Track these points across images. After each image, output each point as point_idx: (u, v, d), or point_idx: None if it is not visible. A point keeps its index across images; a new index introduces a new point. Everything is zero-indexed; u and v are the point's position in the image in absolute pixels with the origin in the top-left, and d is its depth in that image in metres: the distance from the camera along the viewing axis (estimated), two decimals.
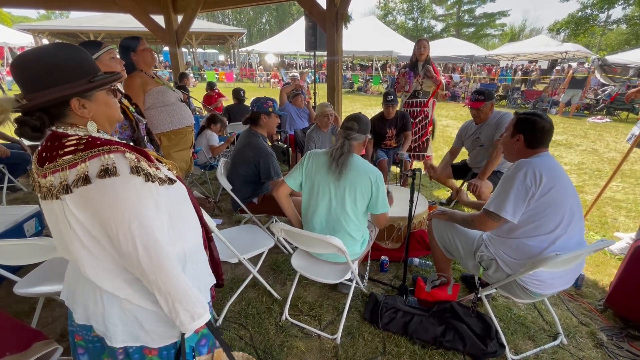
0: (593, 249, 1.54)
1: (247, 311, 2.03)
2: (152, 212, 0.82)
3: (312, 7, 4.03)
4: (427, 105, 3.82)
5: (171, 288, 0.83)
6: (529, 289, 1.60)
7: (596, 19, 22.82)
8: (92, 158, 0.78)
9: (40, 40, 17.67)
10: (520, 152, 1.67)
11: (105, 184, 0.77)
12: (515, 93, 12.11)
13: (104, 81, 0.87)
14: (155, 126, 2.47)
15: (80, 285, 0.90)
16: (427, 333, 1.80)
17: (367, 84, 16.86)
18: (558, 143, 6.46)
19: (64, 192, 0.77)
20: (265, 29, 47.52)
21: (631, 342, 1.83)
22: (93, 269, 0.83)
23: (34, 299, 2.02)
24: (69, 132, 0.83)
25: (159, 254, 0.81)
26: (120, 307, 0.87)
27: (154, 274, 0.81)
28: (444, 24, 36.98)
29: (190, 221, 1.00)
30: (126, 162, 0.80)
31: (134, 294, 0.87)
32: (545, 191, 1.51)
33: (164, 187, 0.87)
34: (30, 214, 2.52)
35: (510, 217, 1.54)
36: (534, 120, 1.62)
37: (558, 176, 1.54)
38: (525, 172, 1.52)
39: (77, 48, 0.86)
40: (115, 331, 0.88)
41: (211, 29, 19.12)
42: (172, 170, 1.00)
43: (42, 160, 0.81)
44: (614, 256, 2.60)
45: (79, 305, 0.91)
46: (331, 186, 1.78)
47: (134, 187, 0.80)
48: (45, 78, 0.79)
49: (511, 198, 1.53)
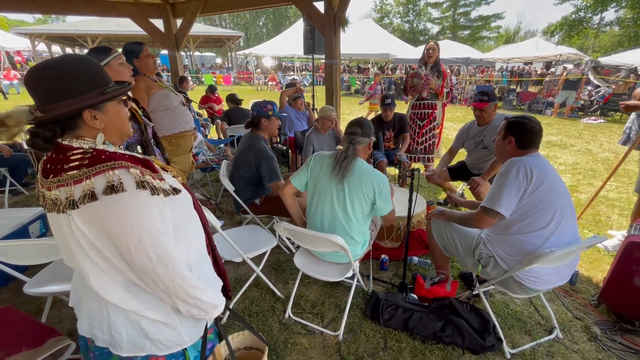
0: (586, 245, 1.60)
1: (250, 309, 2.08)
2: (160, 224, 0.84)
3: (310, 11, 4.09)
4: (435, 108, 3.83)
5: (188, 289, 0.87)
6: (525, 284, 1.66)
7: (590, 21, 23.17)
8: (97, 174, 0.79)
9: (37, 44, 17.63)
10: (512, 153, 1.76)
11: (112, 199, 0.78)
12: (511, 94, 12.27)
13: (116, 93, 0.88)
14: (158, 129, 2.51)
15: (86, 293, 0.92)
16: (427, 329, 1.85)
17: (364, 87, 16.96)
18: (553, 144, 6.56)
19: (70, 208, 0.78)
20: (263, 32, 47.68)
21: (624, 335, 1.89)
22: (98, 281, 0.85)
23: (41, 300, 2.05)
24: (74, 145, 0.83)
25: (173, 261, 0.84)
26: (125, 318, 0.89)
27: (171, 280, 0.84)
28: (440, 26, 37.30)
29: (194, 229, 1.02)
30: (131, 177, 0.81)
31: (140, 306, 0.88)
32: (536, 187, 1.58)
33: (169, 199, 0.88)
34: (35, 216, 2.56)
35: (503, 212, 1.60)
36: (523, 122, 1.72)
37: (548, 173, 1.62)
38: (517, 168, 1.60)
39: (89, 60, 0.87)
40: (120, 340, 0.89)
41: (209, 32, 19.19)
42: (177, 178, 1.01)
43: (47, 172, 0.82)
44: (607, 253, 2.66)
45: (85, 314, 0.92)
46: (334, 188, 1.83)
47: (140, 202, 0.81)
48: (59, 90, 0.80)
49: (504, 193, 1.60)
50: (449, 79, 3.85)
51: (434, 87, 3.70)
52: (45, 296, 1.75)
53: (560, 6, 24.58)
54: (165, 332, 0.93)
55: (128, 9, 5.15)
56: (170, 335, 0.94)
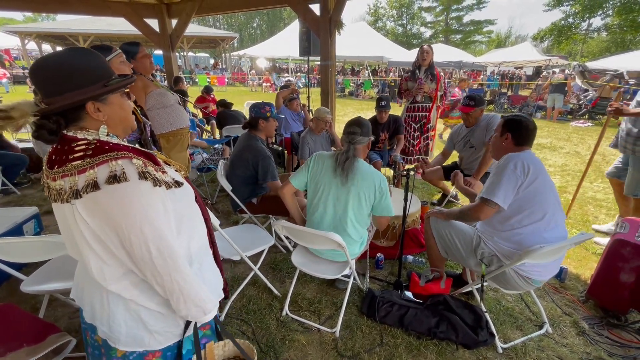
0: (576, 241, 1.65)
1: (248, 307, 2.09)
2: (162, 216, 0.84)
3: (306, 14, 4.13)
4: (429, 110, 3.89)
5: (185, 287, 0.87)
6: (533, 277, 1.71)
7: (578, 27, 23.75)
8: (100, 164, 0.80)
9: (27, 43, 17.34)
10: (508, 149, 1.83)
11: (114, 189, 0.79)
12: (502, 98, 12.49)
13: (119, 85, 0.89)
14: (155, 128, 2.52)
15: (88, 284, 0.93)
16: (421, 325, 1.89)
17: (358, 89, 17.07)
18: (543, 146, 6.70)
19: (74, 197, 0.79)
20: (257, 33, 47.67)
21: (610, 329, 1.96)
22: (100, 271, 0.86)
23: (36, 300, 2.04)
24: (78, 136, 0.85)
25: (173, 255, 0.84)
26: (125, 308, 0.90)
27: (169, 275, 0.84)
28: (433, 30, 37.76)
29: (196, 223, 1.02)
30: (134, 167, 0.82)
31: (140, 295, 0.89)
32: (532, 181, 1.66)
33: (171, 191, 0.89)
34: (29, 215, 2.53)
35: (501, 202, 1.66)
36: (520, 120, 1.80)
37: (540, 169, 1.71)
38: (515, 163, 1.68)
39: (93, 52, 0.89)
40: (119, 332, 0.90)
41: (203, 32, 19.12)
42: (179, 172, 1.02)
43: (52, 163, 0.84)
44: (599, 247, 2.76)
45: (87, 304, 0.94)
46: (335, 189, 1.86)
47: (142, 192, 0.82)
48: (63, 83, 0.81)
49: (502, 185, 1.67)
50: (443, 82, 3.91)
51: (427, 90, 3.77)
52: (42, 294, 1.74)
53: (550, 12, 25.19)
54: (163, 322, 0.94)
55: (123, 8, 5.12)
56: (169, 325, 0.95)
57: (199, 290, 0.91)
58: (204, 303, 0.92)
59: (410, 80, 3.82)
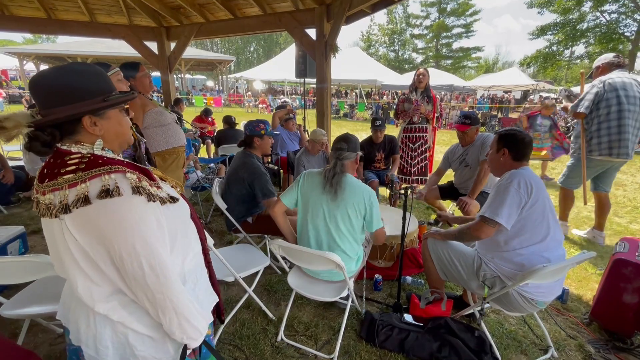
0: (579, 260, 1.63)
1: (241, 332, 1.99)
2: (155, 232, 0.82)
3: (302, 38, 4.26)
4: (426, 131, 3.96)
5: (177, 305, 0.84)
6: (537, 299, 1.65)
7: (562, 54, 24.81)
8: (93, 178, 0.78)
9: (25, 64, 17.50)
10: (506, 165, 1.80)
11: (106, 204, 0.76)
12: (493, 120, 12.82)
13: (118, 100, 0.88)
14: (152, 145, 2.50)
15: (75, 304, 0.88)
16: (423, 349, 1.81)
17: (352, 110, 17.42)
18: (535, 167, 6.79)
19: (63, 212, 0.76)
20: (253, 57, 48.90)
21: (617, 353, 1.89)
22: (87, 291, 0.82)
23: (16, 324, 1.92)
24: (72, 150, 0.83)
25: (165, 272, 0.81)
26: (112, 329, 0.85)
27: (161, 293, 0.81)
28: (424, 56, 39.13)
29: (191, 241, 0.99)
30: (127, 182, 0.80)
31: (128, 317, 0.85)
32: (535, 201, 1.62)
33: (166, 207, 0.87)
34: (15, 235, 2.45)
35: (504, 222, 1.61)
36: (514, 134, 1.78)
37: (540, 186, 1.68)
38: (518, 181, 1.64)
39: (94, 67, 0.88)
40: (106, 354, 0.85)
41: (200, 55, 19.55)
42: (175, 188, 1.00)
43: (43, 177, 0.81)
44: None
45: (73, 325, 0.88)
46: (325, 205, 1.83)
47: (136, 207, 0.79)
48: (61, 95, 0.80)
49: (506, 205, 1.62)
50: (439, 104, 4.01)
51: (424, 112, 3.84)
52: (22, 319, 1.64)
53: (535, 40, 26.44)
54: (152, 347, 0.89)
55: (123, 31, 5.24)
56: (157, 351, 0.89)
57: (193, 310, 0.88)
58: (197, 322, 0.89)
59: (407, 102, 3.90)
